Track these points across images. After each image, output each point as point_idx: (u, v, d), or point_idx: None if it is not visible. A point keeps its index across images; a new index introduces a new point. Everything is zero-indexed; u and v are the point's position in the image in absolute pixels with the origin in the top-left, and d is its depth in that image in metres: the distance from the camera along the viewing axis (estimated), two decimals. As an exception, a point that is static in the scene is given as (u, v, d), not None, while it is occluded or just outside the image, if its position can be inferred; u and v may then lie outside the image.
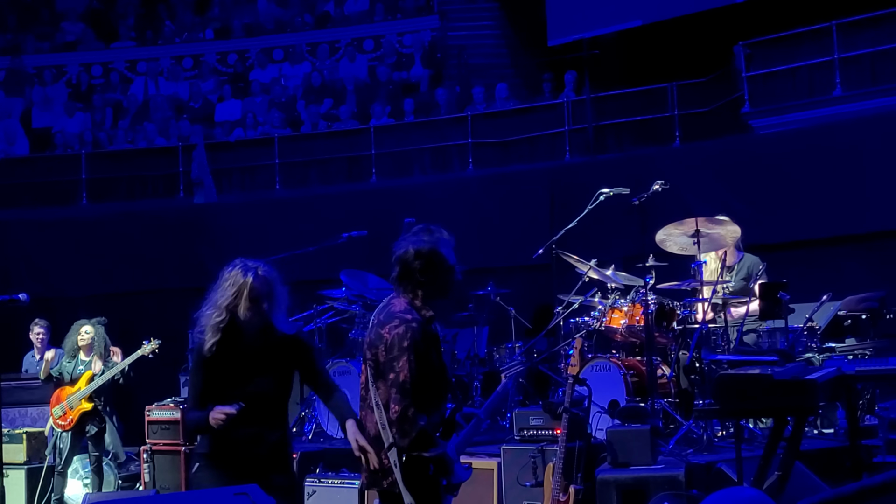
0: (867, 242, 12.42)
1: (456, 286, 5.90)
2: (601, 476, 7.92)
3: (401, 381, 5.49)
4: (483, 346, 12.20)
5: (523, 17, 19.81)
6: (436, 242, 5.78)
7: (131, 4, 22.74)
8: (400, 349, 5.52)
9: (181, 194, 18.36)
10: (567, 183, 14.69)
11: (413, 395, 5.49)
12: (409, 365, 5.49)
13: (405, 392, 5.48)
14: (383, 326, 5.63)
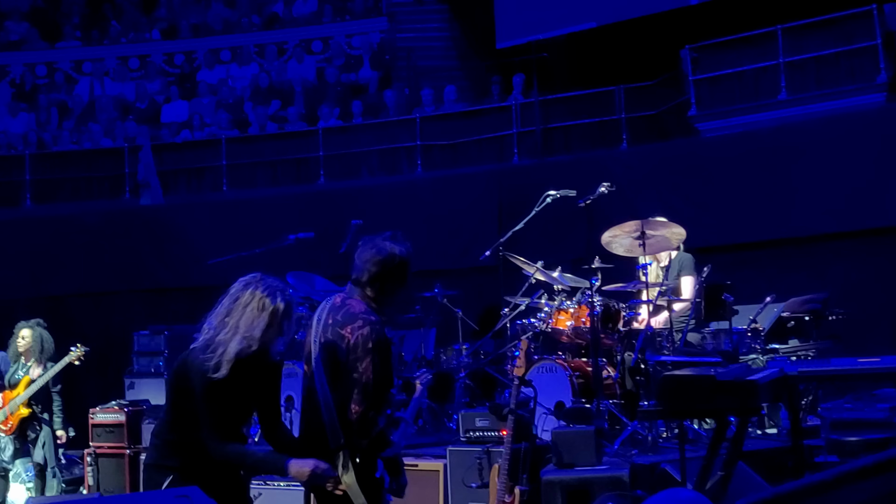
0: (810, 245, 12.52)
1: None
2: (546, 477, 7.93)
3: (363, 382, 5.44)
4: (430, 347, 12.19)
5: (472, 20, 19.85)
6: (407, 251, 5.76)
7: (76, 4, 22.53)
8: (364, 350, 5.48)
9: (127, 196, 18.22)
10: (515, 185, 14.70)
11: (374, 396, 5.47)
12: (372, 366, 5.45)
13: (367, 393, 5.44)
14: (343, 327, 5.55)
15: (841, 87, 14.12)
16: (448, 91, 18.39)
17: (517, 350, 8.19)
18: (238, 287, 5.39)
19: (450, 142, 17.39)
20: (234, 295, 5.35)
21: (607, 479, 7.72)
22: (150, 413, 11.01)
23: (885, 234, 12.13)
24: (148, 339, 12.57)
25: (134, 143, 18.50)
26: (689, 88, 15.26)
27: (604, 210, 10.42)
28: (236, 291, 5.36)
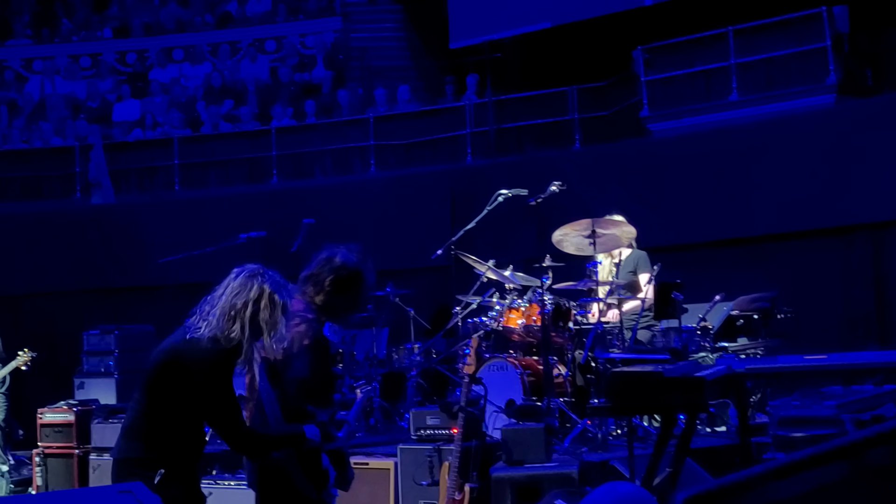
0: (760, 244, 12.61)
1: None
2: (496, 474, 7.94)
3: (300, 378, 5.48)
4: (383, 346, 12.19)
5: (426, 20, 19.86)
6: (364, 269, 5.81)
7: (27, 1, 22.36)
8: (300, 347, 5.52)
9: (78, 195, 18.11)
10: (468, 185, 14.74)
11: (310, 393, 5.49)
12: (309, 364, 5.50)
13: (304, 389, 5.48)
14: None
15: (791, 87, 14.24)
16: (402, 91, 18.39)
17: (468, 348, 8.20)
18: (243, 279, 5.19)
19: (403, 142, 17.40)
20: (240, 287, 5.16)
21: (556, 476, 7.75)
22: (99, 413, 10.93)
23: (833, 234, 12.24)
24: (98, 339, 12.48)
25: (85, 142, 18.37)
26: (642, 89, 15.34)
27: (556, 209, 10.47)
28: (242, 283, 5.17)
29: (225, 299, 5.08)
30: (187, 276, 14.20)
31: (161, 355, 5.14)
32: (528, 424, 8.18)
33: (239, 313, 5.05)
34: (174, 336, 5.20)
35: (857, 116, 12.75)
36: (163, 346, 5.20)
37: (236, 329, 5.03)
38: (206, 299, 5.17)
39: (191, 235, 14.35)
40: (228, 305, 5.06)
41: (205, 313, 5.10)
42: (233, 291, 5.10)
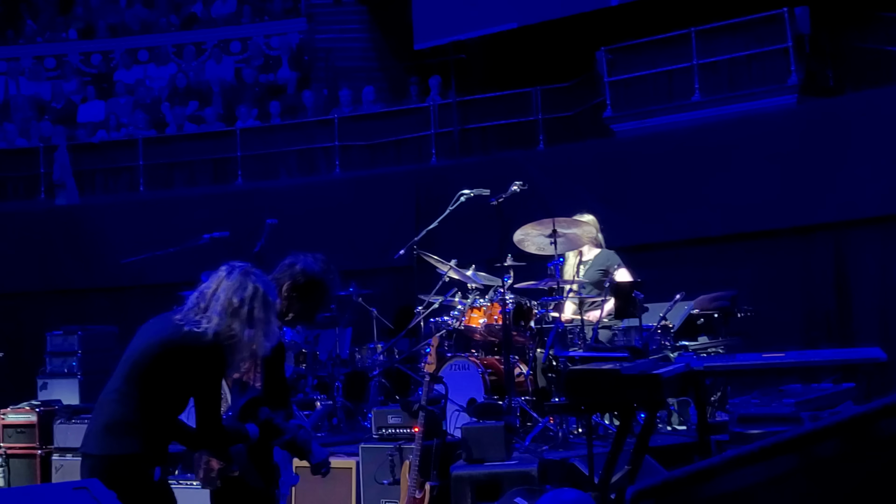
0: (721, 244, 12.70)
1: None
2: (455, 472, 7.97)
3: (244, 381, 5.58)
4: (346, 346, 12.19)
5: (390, 21, 19.89)
6: (324, 278, 5.84)
7: (-10, 3, 22.32)
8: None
9: (42, 196, 18.06)
10: (433, 185, 14.78)
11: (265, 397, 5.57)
12: (253, 367, 5.56)
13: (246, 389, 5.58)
14: None
15: (754, 88, 14.32)
16: (366, 92, 18.42)
17: (429, 348, 8.23)
18: (238, 276, 5.16)
19: (368, 142, 17.42)
20: (237, 285, 5.12)
21: (516, 474, 7.78)
22: (62, 413, 10.91)
23: (794, 234, 12.35)
24: (61, 340, 12.45)
25: (49, 143, 18.33)
26: (605, 90, 15.41)
27: (519, 210, 10.52)
28: (239, 281, 5.13)
29: (224, 296, 5.06)
30: (152, 278, 14.22)
31: (156, 348, 5.05)
32: (488, 423, 8.21)
33: (237, 311, 5.05)
34: (160, 329, 5.13)
35: (819, 117, 12.86)
36: (151, 338, 5.10)
37: (236, 326, 5.05)
38: (196, 294, 5.13)
39: (155, 236, 14.33)
40: (227, 302, 5.05)
41: (201, 308, 5.08)
42: (230, 289, 5.08)
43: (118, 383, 5.15)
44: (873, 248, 11.81)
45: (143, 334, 5.22)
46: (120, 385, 5.14)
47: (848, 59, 14.33)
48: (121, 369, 5.16)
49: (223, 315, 5.03)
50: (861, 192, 11.76)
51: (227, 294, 5.06)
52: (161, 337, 5.07)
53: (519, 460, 8.13)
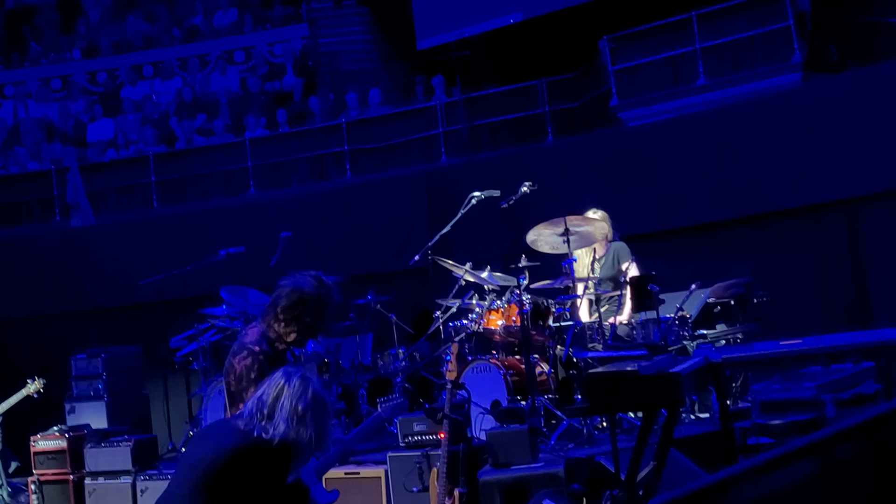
0: (734, 228, 12.68)
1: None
2: (483, 478, 8.04)
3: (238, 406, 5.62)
4: (367, 353, 12.26)
5: (392, 22, 19.93)
6: (319, 294, 5.93)
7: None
8: (248, 380, 5.74)
9: (57, 218, 18.15)
10: (444, 184, 14.80)
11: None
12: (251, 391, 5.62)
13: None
14: (235, 356, 5.86)
15: (757, 68, 14.36)
16: (373, 94, 18.45)
17: (448, 355, 8.29)
18: (299, 383, 5.25)
19: (377, 145, 17.46)
20: (300, 391, 5.23)
21: (543, 476, 7.84)
22: (91, 437, 11.01)
23: (806, 213, 12.33)
24: (85, 363, 12.52)
25: (61, 165, 18.42)
26: (610, 79, 15.45)
27: (532, 205, 10.56)
28: (301, 387, 5.24)
29: (288, 404, 5.14)
30: (171, 293, 14.29)
31: (227, 456, 5.08)
32: (512, 427, 8.26)
33: (302, 417, 5.16)
34: (226, 436, 5.16)
35: (825, 93, 12.83)
36: (219, 446, 5.14)
37: (302, 431, 5.15)
38: (255, 401, 5.18)
39: (172, 251, 14.46)
40: (292, 410, 5.14)
41: (265, 416, 5.15)
42: (293, 396, 5.17)
43: (183, 489, 5.13)
44: (887, 224, 11.80)
45: (206, 441, 5.25)
46: (186, 491, 5.13)
47: (850, 34, 14.30)
48: (186, 475, 5.15)
49: (289, 422, 5.12)
50: (871, 167, 11.74)
51: (291, 401, 5.15)
52: (231, 444, 5.11)
53: (545, 462, 8.19)
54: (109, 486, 10.50)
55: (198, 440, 5.39)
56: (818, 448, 3.48)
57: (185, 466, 5.21)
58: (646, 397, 6.43)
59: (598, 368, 6.92)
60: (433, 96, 17.94)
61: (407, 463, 8.83)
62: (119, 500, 10.34)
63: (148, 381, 13.17)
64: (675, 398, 6.52)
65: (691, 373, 6.67)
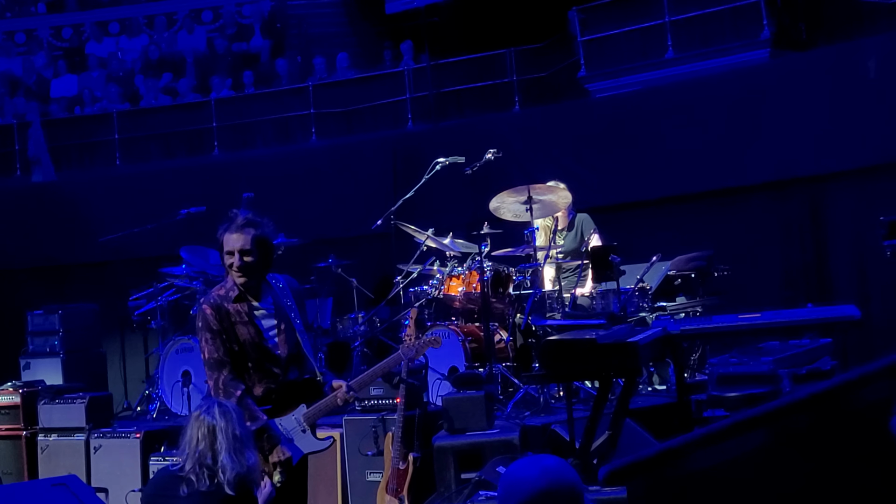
0: (697, 202, 12.71)
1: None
2: (438, 443, 8.03)
3: (205, 358, 5.84)
4: (327, 317, 12.22)
5: (362, -14, 19.81)
6: (220, 236, 5.95)
7: (-43, -20, 22.10)
8: (198, 330, 5.92)
9: (18, 173, 17.96)
10: (410, 150, 14.73)
11: (221, 365, 5.81)
12: (206, 344, 5.83)
13: (210, 366, 5.83)
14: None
15: (726, 44, 14.32)
16: (340, 58, 18.33)
17: (407, 319, 8.26)
18: (219, 417, 5.43)
19: (343, 109, 17.35)
20: (226, 427, 5.41)
21: (498, 443, 7.85)
22: (45, 393, 10.91)
23: (769, 189, 12.35)
24: (42, 319, 12.41)
25: (23, 120, 18.22)
26: (578, 49, 15.39)
27: (496, 173, 10.54)
28: (222, 422, 5.41)
29: (224, 439, 5.31)
30: (131, 252, 14.19)
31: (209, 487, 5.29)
32: (469, 393, 8.25)
33: (242, 441, 5.39)
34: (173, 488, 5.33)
35: (792, 70, 12.84)
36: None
37: (249, 455, 5.40)
38: (191, 455, 5.33)
39: (133, 210, 14.36)
40: (230, 442, 5.32)
41: (209, 465, 5.29)
42: (223, 429, 5.34)
43: None
44: (849, 202, 11.83)
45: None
46: None
47: (820, 12, 14.30)
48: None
49: (234, 456, 5.31)
50: (836, 146, 11.77)
51: (226, 435, 5.31)
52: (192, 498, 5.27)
53: (500, 429, 8.19)
54: (62, 442, 10.40)
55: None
56: (770, 418, 3.47)
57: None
58: (602, 366, 6.45)
59: (556, 336, 6.92)
60: (401, 62, 17.85)
61: (362, 427, 8.81)
62: (72, 457, 10.23)
63: (105, 339, 13.06)
64: (632, 368, 6.54)
65: (649, 343, 6.68)
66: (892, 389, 2.65)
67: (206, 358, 5.84)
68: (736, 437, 3.47)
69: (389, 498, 8.06)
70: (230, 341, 5.84)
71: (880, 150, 11.40)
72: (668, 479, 3.45)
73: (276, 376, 5.94)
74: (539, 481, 3.75)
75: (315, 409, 6.02)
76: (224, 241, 5.87)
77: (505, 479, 3.87)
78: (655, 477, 3.48)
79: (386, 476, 8.19)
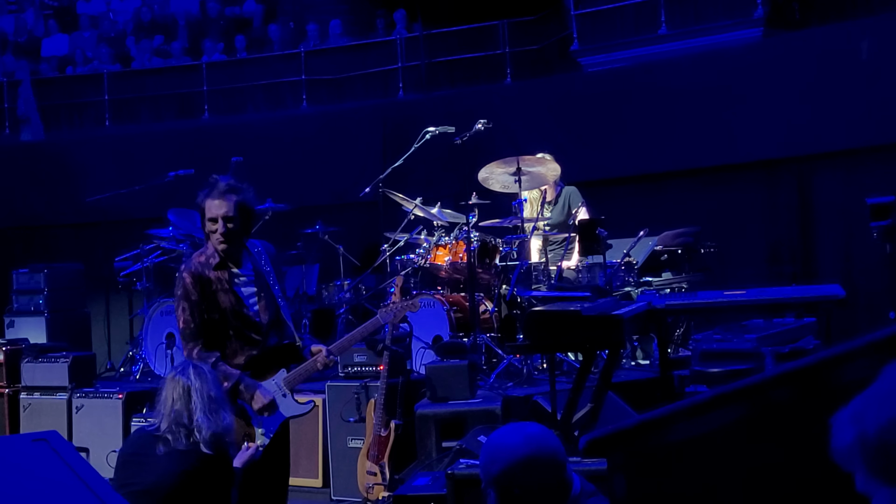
0: (686, 178, 12.73)
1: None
2: (420, 411, 8.06)
3: (180, 326, 5.90)
4: (313, 283, 12.23)
5: (357, -48, 19.71)
6: (200, 201, 5.97)
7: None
8: (176, 296, 5.95)
9: (7, 132, 17.91)
10: (400, 120, 14.69)
11: (196, 336, 5.84)
12: (182, 313, 5.87)
13: (184, 336, 5.89)
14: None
15: (719, 21, 14.31)
16: (333, 25, 18.27)
17: (393, 287, 8.27)
18: (195, 379, 5.52)
19: (335, 76, 17.32)
20: (201, 387, 5.50)
21: (480, 413, 7.88)
22: (29, 352, 10.90)
23: (758, 168, 12.39)
24: (27, 278, 12.38)
25: (13, 78, 18.15)
26: (571, 23, 15.37)
27: (486, 144, 10.54)
28: (198, 383, 5.50)
29: (199, 398, 5.40)
30: (118, 214, 14.17)
31: (177, 482, 5.33)
32: (452, 362, 8.28)
33: (217, 401, 5.48)
34: (166, 461, 5.36)
35: (784, 50, 12.82)
36: (163, 471, 5.34)
37: (224, 415, 5.51)
38: (167, 414, 5.41)
39: (121, 171, 14.35)
40: (205, 402, 5.41)
41: (185, 424, 5.37)
42: (199, 389, 5.42)
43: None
44: (836, 183, 11.87)
45: (148, 466, 5.40)
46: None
47: (814, -7, 14.31)
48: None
49: (209, 415, 5.37)
50: (825, 127, 11.78)
51: (201, 395, 5.38)
52: (179, 469, 5.33)
53: (483, 398, 8.22)
54: (45, 401, 10.40)
55: (135, 465, 5.47)
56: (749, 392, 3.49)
57: (137, 494, 5.31)
58: (586, 338, 6.45)
59: (541, 307, 6.93)
60: (394, 31, 17.79)
61: (345, 393, 8.83)
62: (54, 415, 10.24)
63: (90, 299, 13.04)
64: (616, 340, 6.55)
65: (633, 317, 6.68)
66: (873, 367, 2.65)
67: (182, 327, 5.88)
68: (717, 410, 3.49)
69: (370, 464, 8.08)
70: (210, 310, 5.87)
71: (870, 131, 11.43)
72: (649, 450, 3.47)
73: (256, 343, 5.98)
74: (522, 448, 3.78)
75: (295, 374, 6.05)
76: (206, 207, 5.87)
77: (488, 446, 3.89)
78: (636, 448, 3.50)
79: (367, 443, 8.21)
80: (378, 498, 7.95)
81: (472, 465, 6.14)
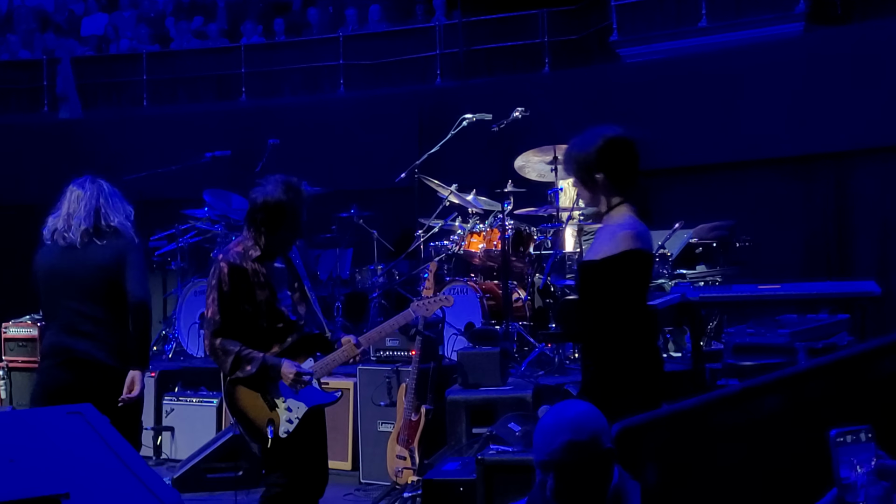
0: (723, 172, 12.67)
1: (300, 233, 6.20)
2: (451, 397, 8.07)
3: (208, 315, 5.93)
4: (346, 267, 12.27)
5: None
6: (290, 198, 5.96)
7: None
8: (209, 284, 5.97)
9: (45, 109, 17.99)
10: (436, 107, 14.70)
11: (220, 330, 5.88)
12: (213, 303, 5.90)
13: (209, 324, 5.93)
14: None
15: (761, 15, 14.21)
16: (372, 10, 18.26)
17: (427, 272, 8.28)
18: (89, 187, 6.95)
19: (373, 62, 17.31)
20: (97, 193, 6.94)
21: (511, 400, 7.88)
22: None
23: (795, 163, 12.31)
24: (62, 255, 12.44)
25: (53, 56, 18.22)
26: (612, 14, 15.30)
27: (523, 134, 10.49)
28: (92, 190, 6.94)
29: (106, 203, 6.91)
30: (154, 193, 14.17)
31: (108, 267, 6.55)
32: (484, 348, 8.28)
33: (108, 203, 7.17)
34: (83, 255, 6.66)
35: (825, 45, 12.74)
36: (96, 263, 6.50)
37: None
38: (73, 219, 6.81)
39: (158, 151, 14.36)
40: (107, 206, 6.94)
41: (94, 224, 6.78)
42: (104, 196, 7.00)
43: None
44: (875, 180, 11.79)
45: (72, 262, 6.53)
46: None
47: (856, -12, 14.19)
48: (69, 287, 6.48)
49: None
50: (864, 123, 11.70)
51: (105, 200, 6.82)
52: (105, 262, 6.41)
53: (514, 386, 8.22)
54: (77, 376, 10.45)
55: (54, 267, 6.65)
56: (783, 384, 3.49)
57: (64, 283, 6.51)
58: (619, 328, 6.42)
59: (573, 296, 6.92)
60: (433, 17, 17.77)
61: (377, 377, 8.85)
62: (87, 392, 10.30)
63: (125, 278, 13.07)
64: (649, 331, 6.52)
65: (666, 308, 6.68)
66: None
67: (209, 316, 5.92)
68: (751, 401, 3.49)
69: (400, 448, 8.10)
70: (244, 302, 5.89)
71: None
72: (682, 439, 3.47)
73: (286, 337, 5.98)
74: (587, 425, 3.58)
75: (323, 364, 6.05)
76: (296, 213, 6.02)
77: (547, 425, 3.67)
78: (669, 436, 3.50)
79: (397, 427, 8.23)
80: (407, 482, 7.97)
81: (502, 451, 6.15)
